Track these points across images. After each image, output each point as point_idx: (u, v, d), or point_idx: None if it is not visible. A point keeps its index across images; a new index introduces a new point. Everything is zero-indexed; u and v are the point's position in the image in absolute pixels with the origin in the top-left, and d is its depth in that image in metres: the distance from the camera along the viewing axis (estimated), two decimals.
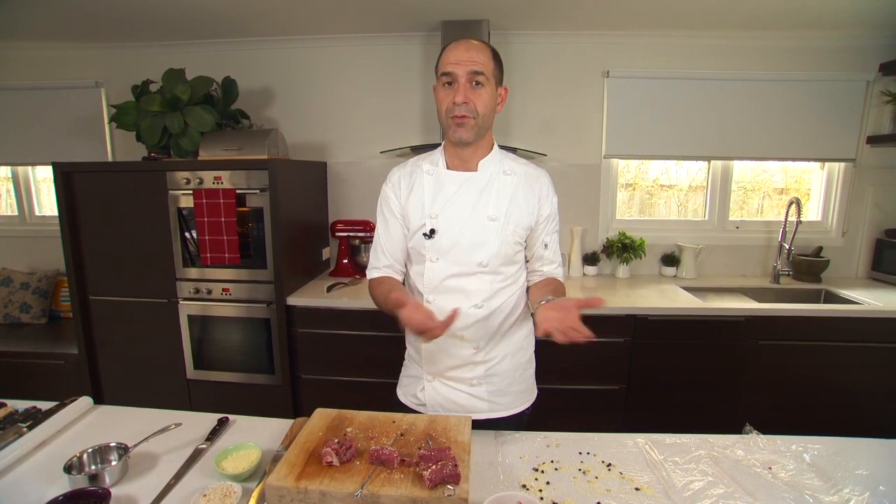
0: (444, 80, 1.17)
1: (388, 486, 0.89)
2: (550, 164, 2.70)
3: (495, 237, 1.20)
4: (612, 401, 2.25)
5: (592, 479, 0.98)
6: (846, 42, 2.52)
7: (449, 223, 1.21)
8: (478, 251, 1.20)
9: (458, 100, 1.14)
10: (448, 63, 1.15)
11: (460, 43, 1.17)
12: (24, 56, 2.85)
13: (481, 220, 1.20)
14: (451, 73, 1.15)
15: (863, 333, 2.12)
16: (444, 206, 1.22)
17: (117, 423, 1.22)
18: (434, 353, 1.26)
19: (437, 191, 1.24)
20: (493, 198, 1.22)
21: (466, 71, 1.13)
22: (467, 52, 1.14)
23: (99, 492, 0.89)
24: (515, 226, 1.21)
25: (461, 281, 1.22)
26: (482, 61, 1.15)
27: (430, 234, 1.22)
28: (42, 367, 2.48)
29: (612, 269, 2.80)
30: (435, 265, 1.22)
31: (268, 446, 1.08)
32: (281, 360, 2.33)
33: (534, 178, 1.26)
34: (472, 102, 1.14)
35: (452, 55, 1.15)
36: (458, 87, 1.14)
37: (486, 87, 1.16)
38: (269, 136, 2.29)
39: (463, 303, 1.20)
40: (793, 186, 2.89)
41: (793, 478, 0.98)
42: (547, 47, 2.62)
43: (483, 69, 1.15)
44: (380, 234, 1.32)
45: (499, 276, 1.23)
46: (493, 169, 1.24)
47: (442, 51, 1.21)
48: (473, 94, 1.14)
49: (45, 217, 3.12)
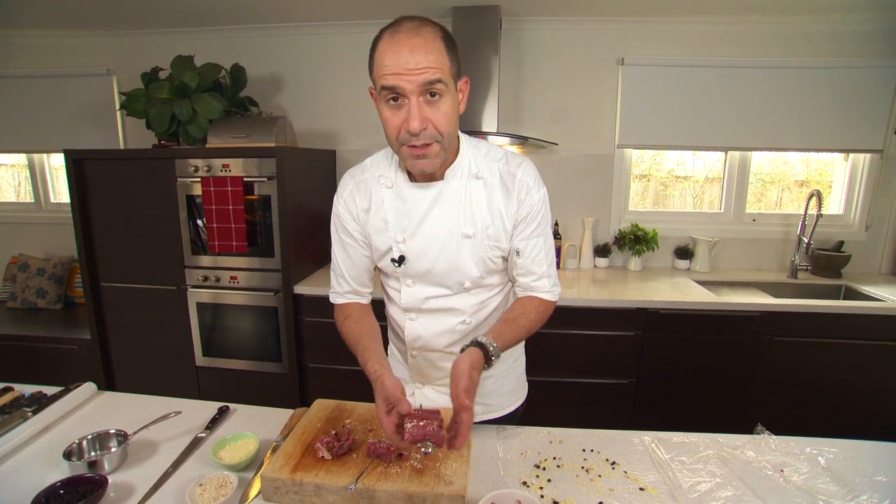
0: (386, 96, 0.88)
1: (384, 480, 0.87)
2: (563, 153, 2.65)
3: (471, 256, 1.03)
4: (620, 395, 2.21)
5: (595, 477, 0.95)
6: (874, 26, 2.40)
7: (419, 247, 1.03)
8: (456, 273, 1.04)
9: (413, 127, 0.87)
10: (388, 73, 0.86)
11: (399, 38, 0.85)
12: (36, 44, 2.87)
13: (455, 238, 1.02)
14: (396, 87, 0.86)
15: (885, 332, 2.04)
16: (412, 228, 1.03)
17: (120, 409, 1.23)
18: (422, 365, 1.17)
19: (400, 209, 1.03)
20: (466, 211, 1.01)
21: (418, 84, 0.85)
22: (412, 53, 0.84)
23: (96, 479, 0.89)
24: (494, 240, 1.03)
25: (444, 301, 1.08)
26: (435, 62, 0.86)
27: (400, 262, 1.05)
28: (57, 351, 2.52)
29: (623, 261, 2.74)
30: (412, 289, 1.08)
31: (266, 436, 1.07)
32: (288, 349, 2.33)
33: (509, 178, 1.02)
34: (432, 124, 0.88)
35: (392, 60, 0.85)
36: (410, 107, 0.87)
37: (445, 96, 0.89)
38: (276, 123, 2.27)
39: (449, 321, 1.09)
40: (814, 178, 2.78)
41: (806, 482, 0.94)
42: (560, 34, 2.55)
43: (439, 74, 0.86)
44: (337, 257, 1.12)
45: (484, 288, 1.09)
46: (462, 175, 1.02)
47: (374, 46, 0.90)
48: (432, 111, 0.88)
49: (60, 204, 3.16)
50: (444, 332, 1.10)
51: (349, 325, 1.09)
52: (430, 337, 1.11)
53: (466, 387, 0.83)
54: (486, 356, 0.91)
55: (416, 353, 1.15)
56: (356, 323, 1.08)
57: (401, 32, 0.86)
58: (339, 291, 1.14)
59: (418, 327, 1.11)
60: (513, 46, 2.57)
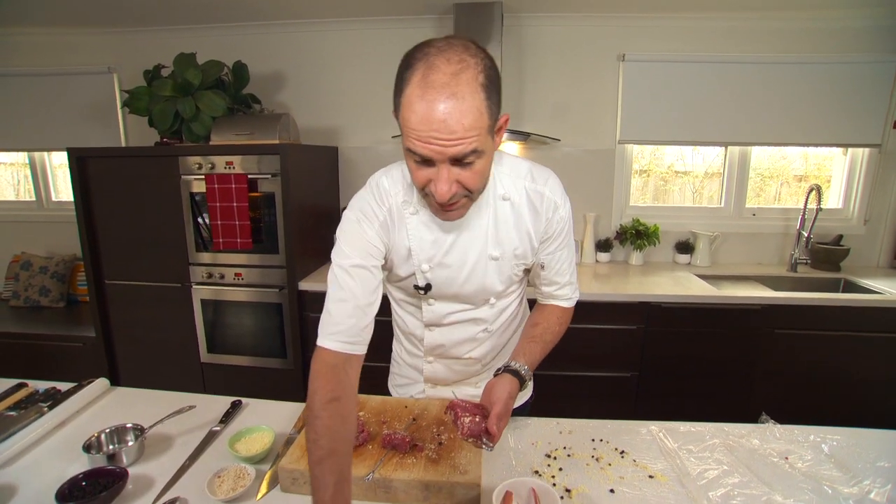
0: (412, 156, 0.80)
1: (400, 470, 0.89)
2: (564, 149, 2.66)
3: (498, 276, 1.01)
4: (624, 388, 2.23)
5: (605, 465, 0.98)
6: (873, 22, 2.42)
7: (446, 275, 0.99)
8: (482, 293, 1.02)
9: (440, 194, 0.80)
10: (416, 137, 0.76)
11: (431, 95, 0.72)
12: (37, 42, 2.86)
13: (483, 262, 0.98)
14: (424, 156, 0.77)
15: (883, 324, 2.07)
16: (438, 258, 0.98)
17: (132, 404, 1.24)
18: (438, 371, 1.15)
19: (425, 238, 0.96)
20: (493, 234, 0.97)
21: (448, 156, 0.76)
22: (446, 120, 0.72)
23: (117, 471, 0.91)
24: (521, 259, 1.01)
25: (466, 314, 1.06)
26: (472, 127, 0.74)
27: (426, 290, 1.01)
28: (61, 349, 2.53)
29: (625, 255, 2.76)
30: (433, 307, 1.05)
31: (280, 429, 1.09)
32: (293, 345, 2.35)
33: (537, 196, 0.97)
34: (462, 184, 0.81)
35: (421, 124, 0.74)
36: (439, 170, 0.79)
37: (481, 158, 0.80)
38: (280, 120, 2.28)
39: (471, 330, 1.08)
40: (813, 173, 2.81)
41: (810, 468, 0.97)
42: (562, 30, 2.56)
43: (475, 144, 0.76)
44: (345, 285, 0.90)
45: (506, 297, 1.08)
46: (489, 200, 0.96)
47: (402, 81, 0.76)
48: (463, 172, 0.80)
49: (61, 202, 3.16)
50: (466, 340, 1.09)
51: (331, 413, 0.79)
52: (451, 345, 1.10)
53: (500, 413, 0.84)
54: (520, 381, 0.93)
55: (432, 359, 1.15)
56: (338, 422, 0.79)
57: (434, 85, 0.72)
58: (335, 331, 0.88)
59: (438, 336, 1.09)
60: (514, 43, 2.58)
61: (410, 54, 0.78)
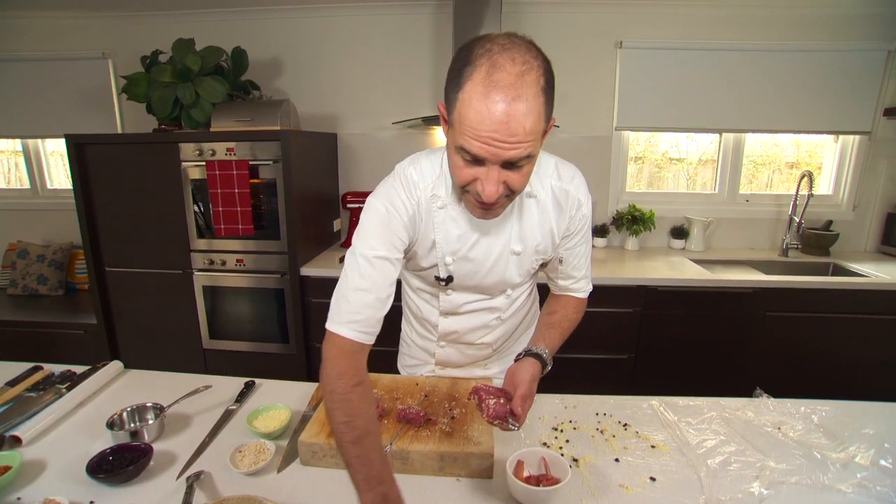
0: (463, 155, 0.79)
1: (416, 442, 0.93)
2: (561, 135, 2.69)
3: (517, 269, 1.03)
4: (620, 370, 2.30)
5: (610, 437, 1.03)
6: (865, 10, 2.46)
7: (469, 268, 1.01)
8: (501, 285, 1.06)
9: (487, 195, 0.79)
10: (472, 136, 0.74)
11: (495, 95, 0.71)
12: (30, 25, 2.81)
13: (505, 256, 1.00)
14: (478, 156, 0.77)
15: (869, 305, 2.15)
16: (463, 251, 0.99)
17: (146, 385, 1.27)
18: (450, 354, 1.19)
19: (451, 232, 0.97)
20: (517, 230, 0.99)
21: (503, 159, 0.76)
22: (508, 122, 0.71)
23: (142, 447, 0.94)
24: (542, 253, 1.03)
25: (483, 303, 1.09)
26: (531, 131, 0.73)
27: (447, 282, 1.03)
28: (63, 336, 2.54)
29: (621, 241, 2.81)
30: (450, 297, 1.08)
31: (295, 407, 1.13)
32: (295, 330, 2.38)
33: (563, 194, 0.99)
34: (507, 185, 0.81)
35: (481, 125, 0.73)
36: (488, 171, 0.78)
37: (530, 162, 0.80)
38: (280, 106, 2.28)
39: (485, 317, 1.11)
40: (804, 160, 2.87)
41: (802, 437, 1.03)
42: (560, 17, 2.57)
43: (531, 149, 0.76)
44: (366, 274, 0.89)
45: (521, 287, 1.12)
46: None
47: (461, 75, 0.75)
48: (511, 174, 0.79)
49: (56, 190, 3.13)
50: (480, 327, 1.13)
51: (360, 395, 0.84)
52: (464, 332, 1.14)
53: (524, 394, 0.86)
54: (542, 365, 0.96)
55: (445, 344, 1.18)
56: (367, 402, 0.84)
57: (499, 85, 0.71)
58: (349, 320, 0.89)
59: (453, 324, 1.13)
60: (513, 30, 2.56)
61: (470, 49, 0.76)
